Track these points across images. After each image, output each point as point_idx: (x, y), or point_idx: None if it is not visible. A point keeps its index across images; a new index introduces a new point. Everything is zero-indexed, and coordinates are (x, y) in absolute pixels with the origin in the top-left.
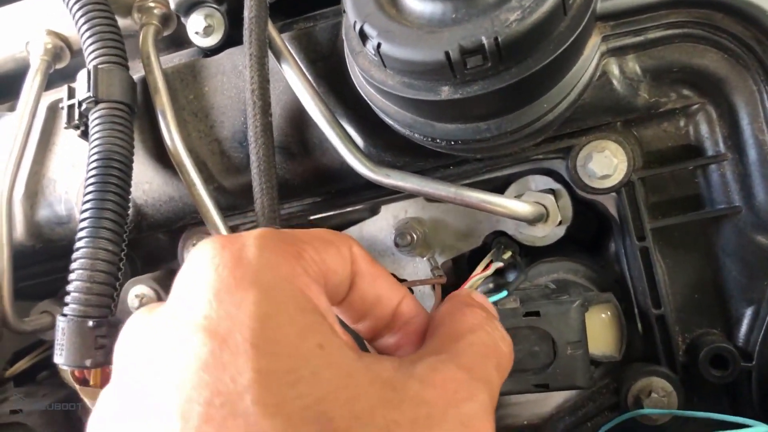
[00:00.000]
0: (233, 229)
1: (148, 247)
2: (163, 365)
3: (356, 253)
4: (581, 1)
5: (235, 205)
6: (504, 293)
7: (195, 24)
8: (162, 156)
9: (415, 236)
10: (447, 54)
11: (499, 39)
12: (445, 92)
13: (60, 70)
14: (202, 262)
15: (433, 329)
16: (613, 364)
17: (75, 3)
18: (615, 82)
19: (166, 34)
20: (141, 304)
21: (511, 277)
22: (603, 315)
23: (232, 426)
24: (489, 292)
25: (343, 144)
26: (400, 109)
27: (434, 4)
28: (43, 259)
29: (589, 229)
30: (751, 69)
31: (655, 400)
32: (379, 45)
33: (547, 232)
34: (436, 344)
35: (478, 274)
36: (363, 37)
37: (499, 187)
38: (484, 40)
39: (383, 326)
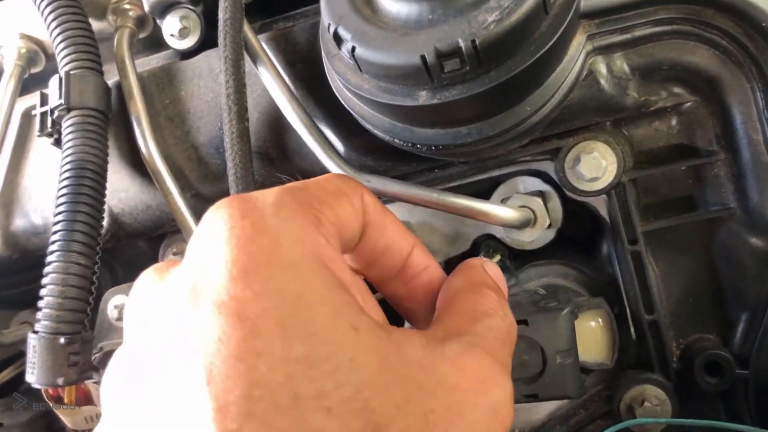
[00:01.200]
0: None
1: (128, 254)
2: (190, 348)
3: (367, 203)
4: (563, 0)
5: None
6: None
7: (170, 26)
8: (138, 163)
9: None
10: (423, 58)
11: (477, 41)
12: (423, 97)
13: (36, 75)
14: (220, 231)
15: (448, 302)
16: (605, 371)
17: (46, 6)
18: (602, 82)
19: (142, 36)
20: (120, 316)
21: None
22: (594, 321)
23: (275, 421)
24: None
25: (322, 149)
26: (378, 113)
27: (410, 4)
28: (22, 269)
29: (584, 229)
30: (744, 66)
31: (648, 409)
32: (353, 48)
33: (536, 237)
34: (455, 322)
35: None
36: (337, 40)
37: (487, 188)
38: (461, 43)
39: (393, 275)
